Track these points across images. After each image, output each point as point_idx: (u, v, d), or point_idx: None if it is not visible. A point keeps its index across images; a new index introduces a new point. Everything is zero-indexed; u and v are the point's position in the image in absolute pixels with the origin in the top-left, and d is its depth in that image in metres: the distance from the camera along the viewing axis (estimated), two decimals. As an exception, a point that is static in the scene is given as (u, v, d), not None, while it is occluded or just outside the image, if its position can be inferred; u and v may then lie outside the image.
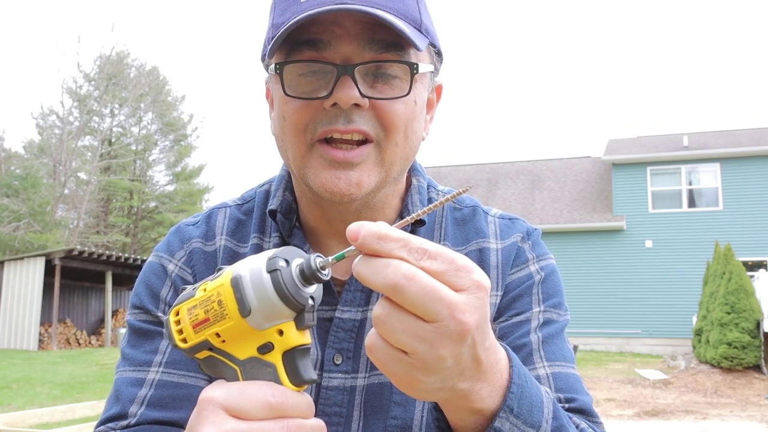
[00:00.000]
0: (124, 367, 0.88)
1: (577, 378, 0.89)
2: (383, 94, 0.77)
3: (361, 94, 0.75)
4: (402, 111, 0.78)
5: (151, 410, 0.83)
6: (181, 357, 0.86)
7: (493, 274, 0.91)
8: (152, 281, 0.91)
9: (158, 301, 0.90)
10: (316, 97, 0.76)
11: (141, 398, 0.84)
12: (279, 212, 0.89)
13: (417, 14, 0.78)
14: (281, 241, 0.90)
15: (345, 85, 0.74)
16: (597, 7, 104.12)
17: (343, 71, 0.74)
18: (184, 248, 0.92)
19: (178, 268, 0.91)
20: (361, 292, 0.87)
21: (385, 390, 0.85)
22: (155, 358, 0.86)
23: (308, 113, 0.77)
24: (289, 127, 0.79)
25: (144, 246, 35.62)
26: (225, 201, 0.99)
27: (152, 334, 0.88)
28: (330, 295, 0.87)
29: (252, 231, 0.92)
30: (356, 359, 0.86)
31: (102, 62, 34.40)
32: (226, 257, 0.91)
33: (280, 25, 0.77)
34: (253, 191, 0.98)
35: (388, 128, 0.78)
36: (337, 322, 0.86)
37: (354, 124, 0.76)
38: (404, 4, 0.77)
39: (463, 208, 0.97)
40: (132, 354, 0.88)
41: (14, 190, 30.48)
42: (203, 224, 0.95)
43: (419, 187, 0.93)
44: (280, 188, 0.92)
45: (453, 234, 0.94)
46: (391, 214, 0.90)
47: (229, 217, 0.95)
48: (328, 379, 0.84)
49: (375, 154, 0.79)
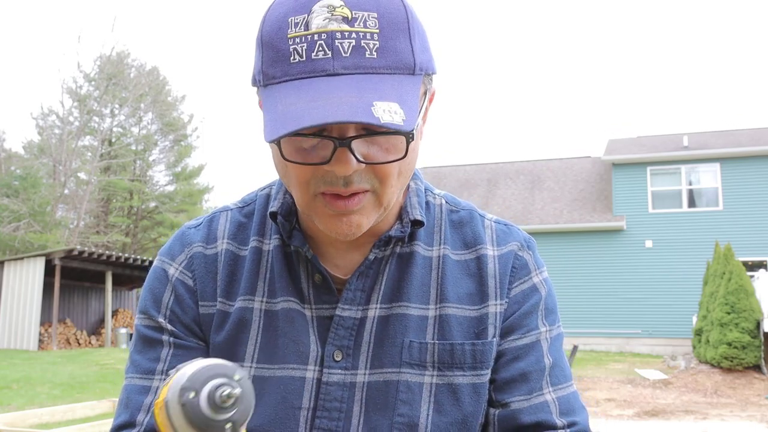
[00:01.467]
0: (133, 374, 0.91)
1: (576, 395, 0.93)
2: (379, 155, 0.78)
3: (358, 161, 0.76)
4: (397, 165, 0.80)
5: None
6: (179, 363, 0.88)
7: (491, 282, 0.92)
8: (155, 286, 0.93)
9: (160, 306, 0.92)
10: (314, 163, 0.77)
11: (147, 406, 0.88)
12: (279, 214, 0.90)
13: (410, 57, 0.77)
14: (281, 242, 0.91)
15: (343, 159, 0.75)
16: (597, 7, 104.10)
17: (340, 144, 0.74)
18: (185, 252, 0.94)
19: (178, 272, 0.92)
20: (362, 291, 0.88)
21: (391, 388, 0.86)
22: (158, 367, 0.89)
23: (309, 171, 0.78)
24: (292, 179, 0.81)
25: (144, 246, 35.64)
26: (227, 204, 1.00)
27: (154, 342, 0.91)
28: (330, 294, 0.88)
29: (252, 234, 0.94)
30: (356, 356, 0.87)
31: (102, 62, 34.40)
32: (227, 260, 0.92)
33: (272, 78, 0.76)
34: (254, 194, 0.99)
35: (384, 181, 0.80)
36: (338, 320, 0.87)
37: (353, 185, 0.78)
38: (397, 54, 0.75)
39: (459, 210, 0.98)
40: (138, 360, 0.91)
41: (14, 190, 30.47)
42: (205, 227, 0.96)
43: (417, 189, 0.94)
44: (281, 191, 0.93)
45: (452, 237, 0.95)
46: (392, 217, 0.91)
47: (230, 221, 0.96)
48: (328, 375, 0.86)
49: (372, 199, 0.81)
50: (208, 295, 0.91)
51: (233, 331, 0.89)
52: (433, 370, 0.87)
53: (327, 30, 0.73)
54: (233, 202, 1.00)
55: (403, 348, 0.87)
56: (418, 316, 0.89)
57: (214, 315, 0.90)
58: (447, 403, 0.87)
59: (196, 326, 0.91)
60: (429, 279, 0.90)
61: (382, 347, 0.87)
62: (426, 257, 0.92)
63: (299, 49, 0.74)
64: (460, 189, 22.55)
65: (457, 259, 0.93)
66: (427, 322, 0.88)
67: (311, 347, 0.87)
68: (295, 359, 0.87)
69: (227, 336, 0.89)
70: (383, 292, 0.89)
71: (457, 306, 0.90)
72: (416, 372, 0.87)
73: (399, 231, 0.89)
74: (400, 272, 0.90)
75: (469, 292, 0.91)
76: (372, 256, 0.88)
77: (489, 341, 0.89)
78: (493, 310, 0.91)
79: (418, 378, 0.87)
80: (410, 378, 0.87)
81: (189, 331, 0.91)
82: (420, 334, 0.88)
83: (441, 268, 0.91)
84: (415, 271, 0.90)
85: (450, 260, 0.92)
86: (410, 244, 0.91)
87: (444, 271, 0.91)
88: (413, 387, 0.87)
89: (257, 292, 0.90)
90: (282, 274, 0.90)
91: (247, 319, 0.89)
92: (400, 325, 0.88)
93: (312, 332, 0.87)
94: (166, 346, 0.90)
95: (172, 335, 0.90)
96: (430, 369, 0.87)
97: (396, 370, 0.87)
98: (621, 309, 18.91)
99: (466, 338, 0.89)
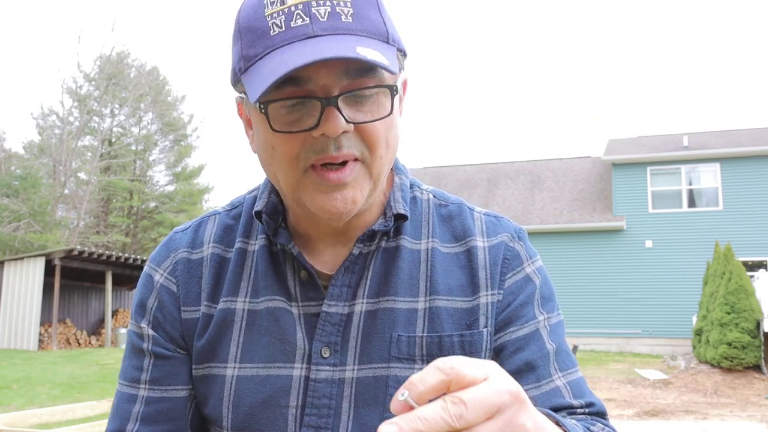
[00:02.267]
0: (122, 380, 0.94)
1: (584, 380, 0.93)
2: (366, 116, 0.79)
3: (347, 121, 0.77)
4: (382, 127, 0.81)
5: (144, 425, 0.90)
6: (159, 374, 0.91)
7: (482, 274, 0.91)
8: (142, 292, 0.95)
9: (145, 311, 0.93)
10: (303, 130, 0.78)
11: (135, 414, 0.90)
12: (264, 213, 0.90)
13: (383, 26, 0.80)
14: (267, 241, 0.92)
15: (331, 117, 0.76)
16: (597, 7, 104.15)
17: (327, 103, 0.76)
18: (170, 257, 0.95)
19: (163, 278, 0.93)
20: (348, 287, 0.88)
21: (381, 383, 0.86)
22: (142, 376, 0.91)
23: (297, 143, 0.79)
24: (280, 157, 0.81)
25: (144, 246, 35.64)
26: (216, 209, 1.01)
27: (138, 350, 0.93)
28: (316, 290, 0.88)
29: (238, 236, 0.94)
30: (344, 352, 0.87)
31: (102, 62, 34.40)
32: (213, 263, 0.93)
33: (253, 58, 0.78)
34: (242, 197, 1.00)
35: (372, 146, 0.81)
36: (324, 316, 0.87)
37: (343, 149, 0.78)
38: (370, 21, 0.79)
39: (449, 204, 0.98)
40: (126, 367, 0.94)
41: (14, 190, 30.48)
42: (192, 232, 0.97)
43: (401, 184, 0.95)
44: (266, 191, 0.93)
45: (440, 231, 0.95)
46: (377, 212, 0.92)
47: (217, 224, 0.97)
48: (316, 372, 0.86)
49: (363, 170, 0.82)
50: (192, 300, 0.91)
51: (215, 333, 0.89)
52: (422, 364, 0.87)
53: (303, 1, 0.76)
54: (222, 206, 1.01)
55: (391, 342, 0.87)
56: (407, 309, 0.88)
57: (198, 320, 0.90)
58: None
59: (177, 333, 0.91)
60: (417, 272, 0.90)
61: (371, 342, 0.87)
62: (413, 251, 0.91)
63: (278, 22, 0.77)
64: (460, 189, 22.55)
65: (446, 251, 0.93)
66: (416, 315, 0.88)
67: (298, 345, 0.86)
68: (282, 358, 0.87)
69: (209, 338, 0.89)
70: (369, 286, 0.88)
71: (447, 298, 0.89)
72: (405, 366, 0.86)
73: (383, 225, 0.89)
74: (386, 266, 0.90)
75: (461, 284, 0.91)
76: (357, 251, 0.88)
77: (479, 331, 0.88)
78: (485, 300, 0.90)
79: (408, 372, 0.86)
80: (399, 372, 0.86)
81: (170, 338, 0.91)
82: (409, 328, 0.87)
83: (430, 261, 0.91)
84: (402, 265, 0.90)
85: (439, 253, 0.92)
86: (396, 239, 0.91)
87: (433, 264, 0.91)
88: (403, 381, 0.85)
89: (240, 292, 0.90)
90: (267, 273, 0.90)
91: (229, 320, 0.89)
92: (388, 320, 0.87)
93: (299, 330, 0.87)
94: (147, 356, 0.91)
95: (154, 344, 0.91)
96: (419, 362, 0.87)
97: (385, 365, 0.86)
98: (621, 309, 18.91)
99: (456, 330, 0.88)
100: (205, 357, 0.89)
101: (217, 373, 0.88)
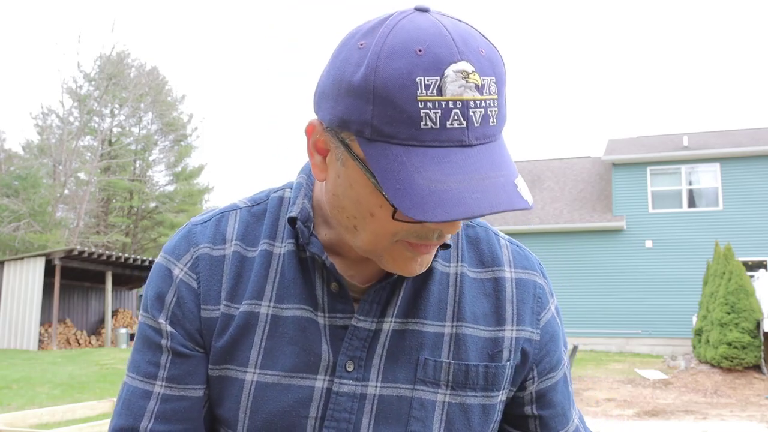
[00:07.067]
0: (134, 374, 0.90)
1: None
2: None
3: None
4: None
5: (159, 423, 0.87)
6: (177, 372, 0.88)
7: (509, 307, 0.92)
8: (158, 284, 0.91)
9: (162, 306, 0.90)
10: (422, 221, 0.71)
11: (150, 411, 0.87)
12: (299, 220, 0.88)
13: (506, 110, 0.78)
14: (295, 247, 0.89)
15: (457, 223, 0.76)
16: (597, 7, 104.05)
17: None
18: (190, 252, 0.91)
19: (183, 273, 0.90)
20: (378, 303, 0.87)
21: (404, 404, 0.86)
22: (158, 372, 0.88)
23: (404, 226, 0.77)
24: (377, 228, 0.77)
25: (144, 246, 35.66)
26: (235, 203, 0.97)
27: (155, 345, 0.89)
28: (346, 303, 0.87)
29: (262, 236, 0.91)
30: (367, 368, 0.86)
31: (102, 62, 34.41)
32: (235, 262, 0.90)
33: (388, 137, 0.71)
34: (265, 194, 0.97)
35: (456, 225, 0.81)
36: (352, 330, 0.86)
37: (444, 239, 0.79)
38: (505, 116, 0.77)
39: (475, 226, 0.97)
40: (139, 361, 0.90)
41: (14, 190, 30.47)
42: (213, 226, 0.93)
43: None
44: (300, 196, 0.91)
45: (468, 255, 0.94)
46: None
47: (239, 221, 0.93)
48: (339, 385, 0.85)
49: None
50: (212, 298, 0.89)
51: (236, 335, 0.87)
52: (447, 389, 0.87)
53: (462, 98, 0.70)
54: (241, 200, 0.97)
55: (418, 365, 0.86)
56: (434, 333, 0.88)
57: (217, 319, 0.88)
58: (458, 422, 0.87)
59: (196, 331, 0.88)
60: (446, 296, 0.90)
61: (396, 362, 0.86)
62: (444, 273, 0.91)
63: (432, 115, 0.69)
64: (460, 189, 22.51)
65: (473, 277, 0.92)
66: (442, 339, 0.88)
67: (323, 356, 0.85)
68: (305, 368, 0.85)
69: (229, 339, 0.87)
70: (399, 306, 0.88)
71: (473, 326, 0.89)
72: (430, 390, 0.86)
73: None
74: (417, 287, 0.89)
75: (485, 313, 0.90)
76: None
77: (503, 365, 0.89)
78: (509, 334, 0.90)
79: (432, 396, 0.86)
80: (424, 395, 0.86)
81: (188, 335, 0.88)
82: (435, 352, 0.87)
83: (459, 286, 0.91)
84: (432, 288, 0.89)
85: (467, 278, 0.92)
86: None
87: (462, 290, 0.91)
88: (427, 404, 0.86)
89: (264, 296, 0.88)
90: (296, 280, 0.88)
91: (252, 324, 0.87)
92: (415, 341, 0.87)
93: (324, 341, 0.86)
94: (165, 352, 0.88)
95: (171, 340, 0.88)
96: (444, 387, 0.87)
97: (410, 386, 0.86)
98: (621, 309, 18.91)
99: (480, 359, 0.88)
100: (223, 358, 0.87)
101: (235, 376, 0.87)
